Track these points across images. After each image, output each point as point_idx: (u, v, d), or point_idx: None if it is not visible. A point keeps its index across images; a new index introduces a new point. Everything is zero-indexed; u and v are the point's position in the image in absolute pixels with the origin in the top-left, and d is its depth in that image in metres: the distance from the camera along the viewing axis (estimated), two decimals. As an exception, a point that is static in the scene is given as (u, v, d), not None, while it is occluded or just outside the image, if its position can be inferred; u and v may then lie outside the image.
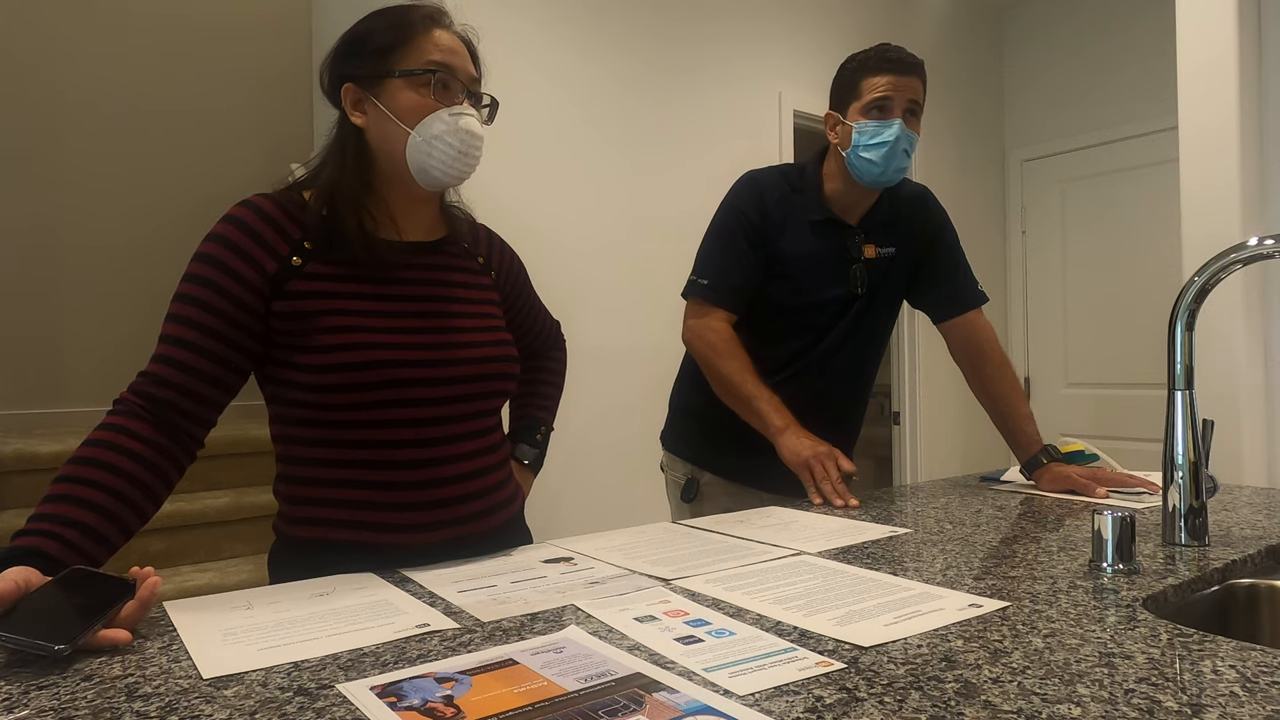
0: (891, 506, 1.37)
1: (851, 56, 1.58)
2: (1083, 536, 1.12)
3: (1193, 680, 0.63)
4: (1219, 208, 2.44)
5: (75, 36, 3.60)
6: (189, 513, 2.77)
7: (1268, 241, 1.01)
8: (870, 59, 1.53)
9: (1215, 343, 2.42)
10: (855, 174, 1.55)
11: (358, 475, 1.03)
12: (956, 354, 1.70)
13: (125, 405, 0.96)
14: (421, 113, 1.04)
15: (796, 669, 0.66)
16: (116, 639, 0.73)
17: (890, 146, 1.50)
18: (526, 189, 2.75)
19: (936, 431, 4.10)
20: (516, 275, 1.30)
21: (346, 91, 1.07)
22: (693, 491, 1.71)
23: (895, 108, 1.51)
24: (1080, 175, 4.21)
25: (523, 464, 1.33)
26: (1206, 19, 2.47)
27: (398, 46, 1.05)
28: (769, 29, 3.47)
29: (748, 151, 3.32)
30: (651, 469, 1.91)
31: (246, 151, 3.90)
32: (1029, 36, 4.42)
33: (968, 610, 0.80)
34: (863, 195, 1.61)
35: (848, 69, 1.57)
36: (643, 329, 3.01)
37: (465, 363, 1.08)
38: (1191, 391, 1.09)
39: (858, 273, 1.61)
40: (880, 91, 1.51)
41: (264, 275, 1.01)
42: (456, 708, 0.59)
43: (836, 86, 1.60)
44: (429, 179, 1.07)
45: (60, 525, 0.85)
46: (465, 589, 0.91)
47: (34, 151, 3.50)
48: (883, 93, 1.50)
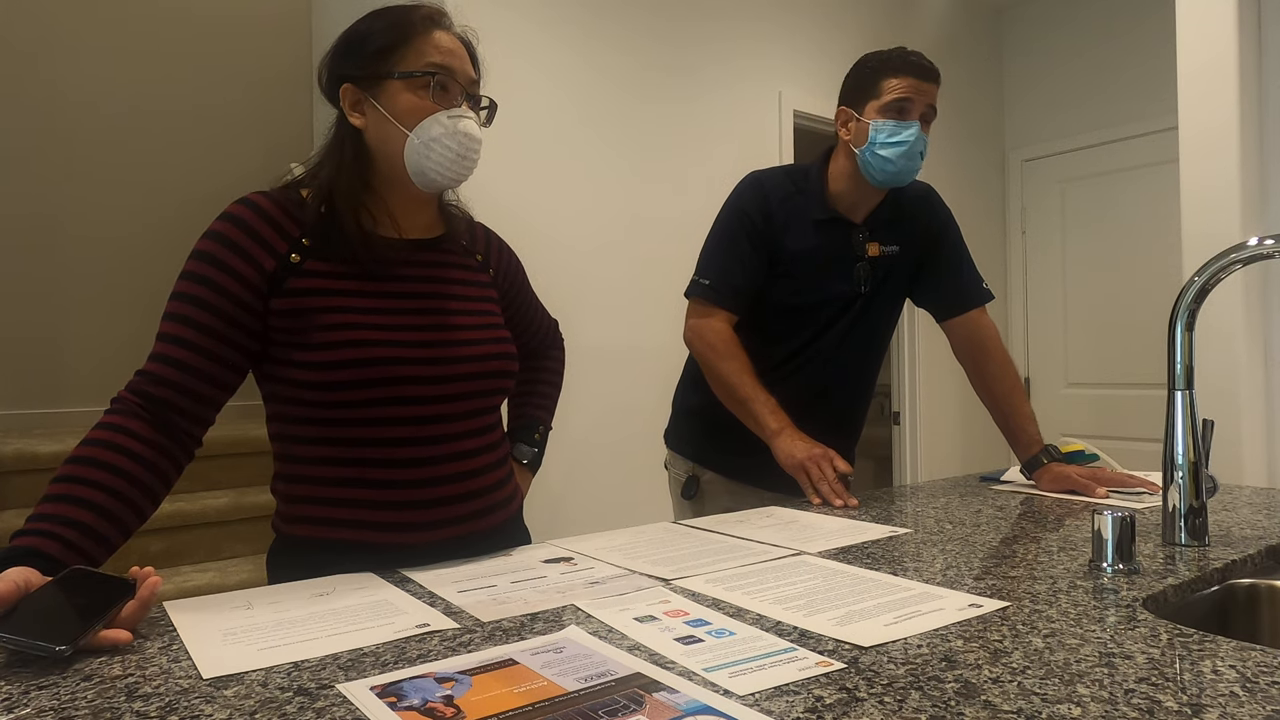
0: (891, 506, 1.37)
1: (871, 54, 1.57)
2: (1083, 536, 1.12)
3: (1193, 680, 0.63)
4: (1219, 208, 2.44)
5: (75, 34, 3.60)
6: (189, 513, 2.77)
7: (1268, 241, 1.00)
8: (894, 59, 1.53)
9: (1215, 343, 2.42)
10: (867, 172, 1.55)
11: (356, 473, 1.03)
12: (959, 352, 1.70)
13: (123, 404, 0.96)
14: (420, 115, 1.04)
15: (796, 669, 0.66)
16: (117, 639, 0.73)
17: (908, 148, 1.50)
18: (526, 189, 2.75)
19: (936, 431, 4.10)
20: (515, 274, 1.30)
21: (345, 92, 1.07)
22: (694, 489, 1.71)
23: (914, 110, 1.51)
24: (1080, 175, 4.21)
25: (521, 463, 1.33)
26: (1206, 19, 2.47)
27: (397, 47, 1.05)
28: (769, 29, 3.47)
29: (747, 152, 3.32)
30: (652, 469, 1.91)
31: (246, 150, 3.90)
32: (1029, 37, 4.42)
33: (968, 610, 0.80)
34: (869, 194, 1.61)
35: (868, 67, 1.56)
36: (642, 329, 3.01)
37: (464, 360, 1.08)
38: (1191, 391, 1.09)
39: (862, 271, 1.61)
40: (902, 92, 1.50)
41: (262, 273, 1.00)
42: (456, 708, 0.59)
43: (853, 83, 1.58)
44: (426, 181, 1.07)
45: (59, 525, 0.85)
46: (465, 589, 0.91)
47: (33, 149, 3.50)
48: (904, 94, 1.50)
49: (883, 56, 1.55)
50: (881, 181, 1.55)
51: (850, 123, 1.57)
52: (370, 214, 1.06)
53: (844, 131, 1.58)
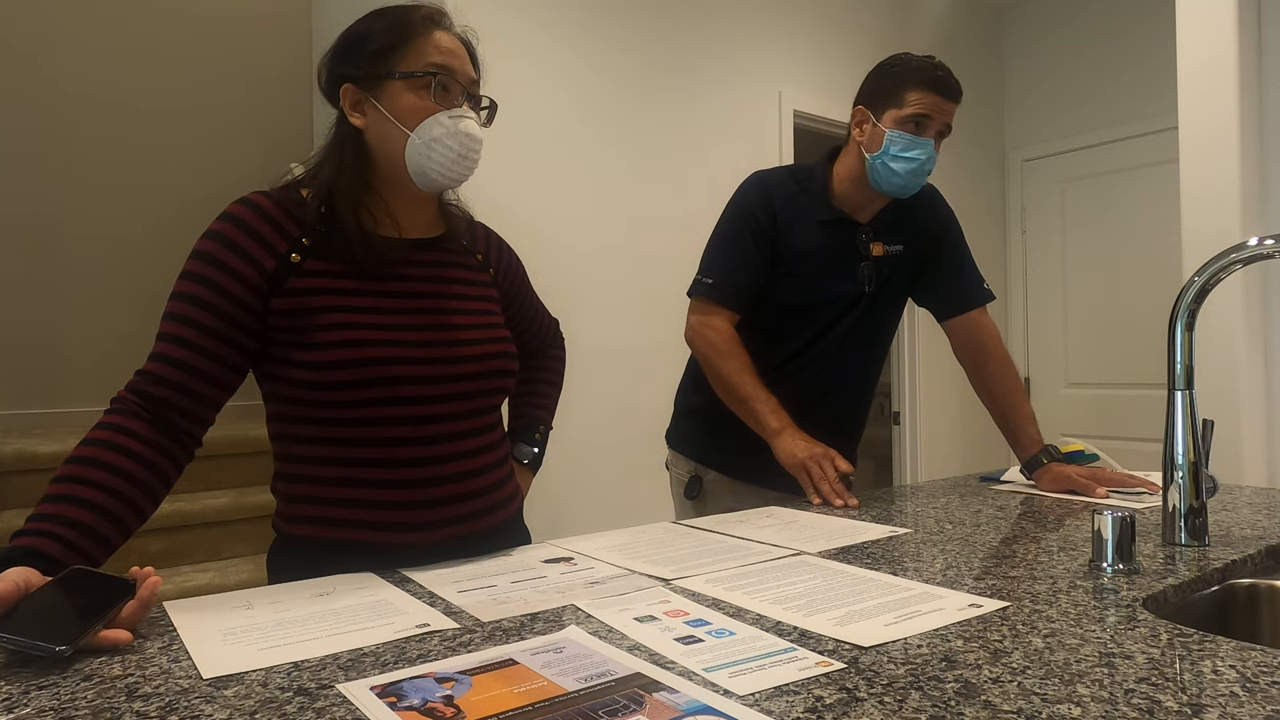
0: (891, 506, 1.37)
1: (899, 58, 1.55)
2: (1083, 536, 1.12)
3: (1193, 680, 0.63)
4: (1219, 208, 2.44)
5: (76, 33, 3.60)
6: (189, 513, 2.77)
7: (1268, 241, 1.00)
8: (921, 71, 1.51)
9: (1215, 343, 2.41)
10: (874, 178, 1.55)
11: (357, 473, 1.03)
12: (959, 352, 1.70)
13: (123, 404, 0.96)
14: (421, 115, 1.04)
15: (796, 669, 0.66)
16: (117, 639, 0.73)
17: (919, 165, 1.51)
18: (526, 189, 2.75)
19: (936, 431, 4.10)
20: (515, 273, 1.30)
21: (345, 92, 1.07)
22: (696, 489, 1.72)
23: (931, 127, 1.51)
24: (1080, 175, 4.21)
25: (521, 463, 1.33)
26: (1206, 19, 2.47)
27: (398, 48, 1.05)
28: (769, 29, 3.47)
29: (748, 151, 3.32)
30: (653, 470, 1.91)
31: (246, 149, 3.90)
32: (1029, 37, 4.42)
33: (968, 610, 0.80)
34: (875, 197, 1.60)
35: (894, 72, 1.53)
36: (642, 329, 3.01)
37: (464, 360, 1.08)
38: (1191, 391, 1.09)
39: (866, 270, 1.61)
40: (924, 109, 1.49)
41: (262, 273, 1.00)
42: (456, 708, 0.59)
43: (876, 85, 1.56)
44: (427, 181, 1.07)
45: (59, 525, 0.85)
46: (465, 589, 0.91)
47: (33, 149, 3.50)
48: (925, 110, 1.49)
49: (911, 66, 1.52)
50: (886, 190, 1.55)
51: (866, 125, 1.55)
52: (370, 214, 1.06)
53: (858, 132, 1.57)
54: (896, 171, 1.51)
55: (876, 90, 1.55)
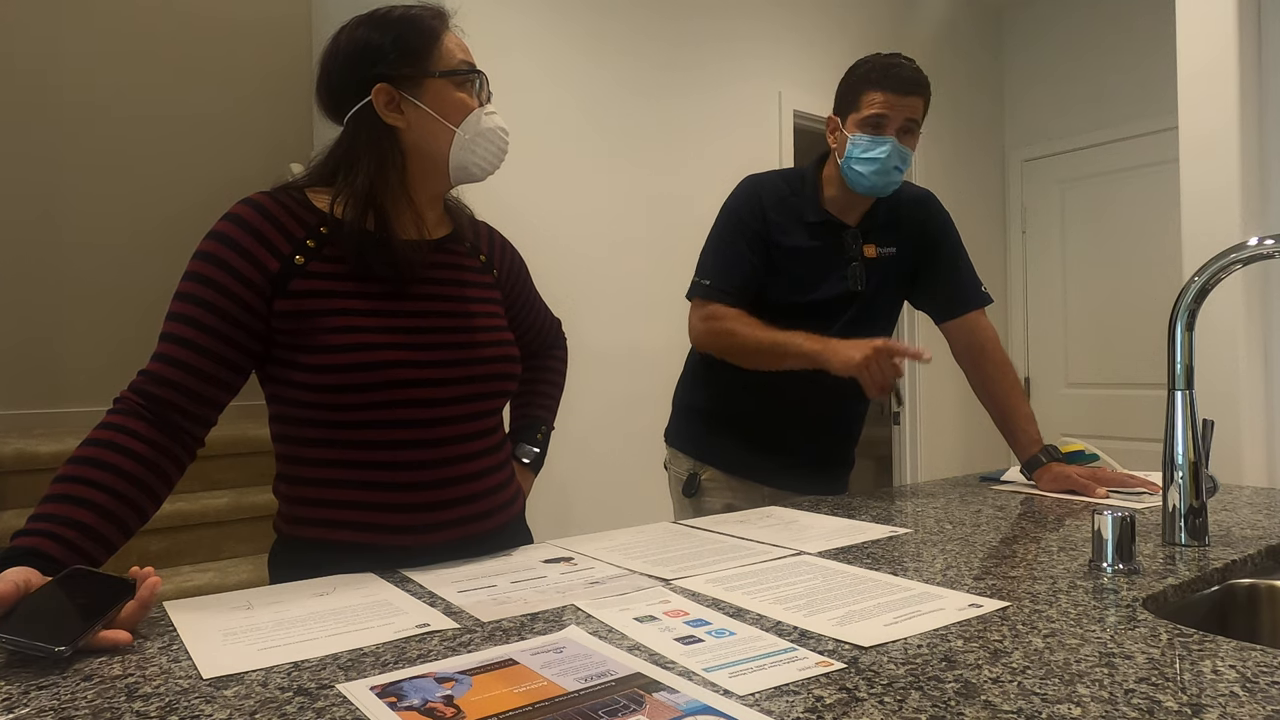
0: (891, 506, 1.37)
1: (861, 62, 1.57)
2: (1083, 536, 1.12)
3: (1193, 680, 0.63)
4: (1219, 208, 2.44)
5: (75, 35, 3.60)
6: (189, 513, 2.77)
7: (1268, 241, 1.00)
8: (874, 72, 1.52)
9: (1215, 343, 2.41)
10: (848, 181, 1.57)
11: (360, 475, 1.03)
12: (958, 355, 1.71)
13: (125, 404, 0.96)
14: (464, 111, 1.08)
15: (796, 669, 0.66)
16: (117, 639, 0.73)
17: (881, 164, 1.52)
18: (526, 188, 2.74)
19: (936, 431, 4.10)
20: (518, 273, 1.30)
21: (379, 92, 1.05)
22: (694, 487, 1.72)
23: (890, 125, 1.52)
24: (1080, 175, 4.21)
25: (523, 464, 1.32)
26: (1206, 19, 2.47)
27: (432, 47, 1.06)
28: (769, 29, 3.47)
29: (748, 151, 3.32)
30: (655, 470, 1.91)
31: (246, 151, 3.90)
32: (1029, 37, 4.42)
33: (968, 610, 0.80)
34: (857, 200, 1.62)
35: (853, 77, 1.57)
36: (642, 329, 3.01)
37: (468, 363, 1.08)
38: (1191, 391, 1.09)
39: (856, 270, 1.62)
40: (876, 109, 1.51)
41: (266, 274, 1.00)
42: (456, 708, 0.59)
43: (840, 92, 1.60)
44: (465, 175, 1.10)
45: (60, 525, 0.85)
46: (465, 589, 0.91)
47: (34, 150, 3.50)
48: (878, 110, 1.51)
49: (866, 67, 1.55)
50: (862, 191, 1.57)
51: (836, 132, 1.59)
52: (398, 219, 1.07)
53: (831, 140, 1.61)
54: (862, 173, 1.53)
55: (841, 97, 1.59)
